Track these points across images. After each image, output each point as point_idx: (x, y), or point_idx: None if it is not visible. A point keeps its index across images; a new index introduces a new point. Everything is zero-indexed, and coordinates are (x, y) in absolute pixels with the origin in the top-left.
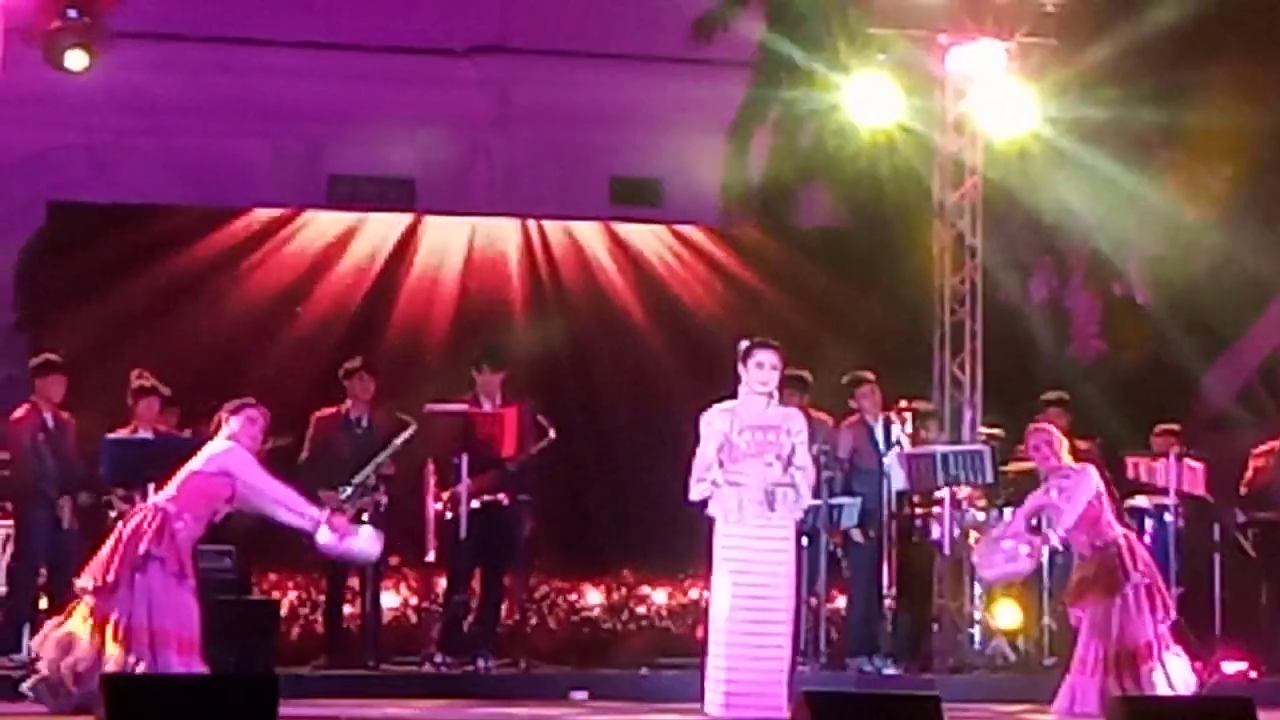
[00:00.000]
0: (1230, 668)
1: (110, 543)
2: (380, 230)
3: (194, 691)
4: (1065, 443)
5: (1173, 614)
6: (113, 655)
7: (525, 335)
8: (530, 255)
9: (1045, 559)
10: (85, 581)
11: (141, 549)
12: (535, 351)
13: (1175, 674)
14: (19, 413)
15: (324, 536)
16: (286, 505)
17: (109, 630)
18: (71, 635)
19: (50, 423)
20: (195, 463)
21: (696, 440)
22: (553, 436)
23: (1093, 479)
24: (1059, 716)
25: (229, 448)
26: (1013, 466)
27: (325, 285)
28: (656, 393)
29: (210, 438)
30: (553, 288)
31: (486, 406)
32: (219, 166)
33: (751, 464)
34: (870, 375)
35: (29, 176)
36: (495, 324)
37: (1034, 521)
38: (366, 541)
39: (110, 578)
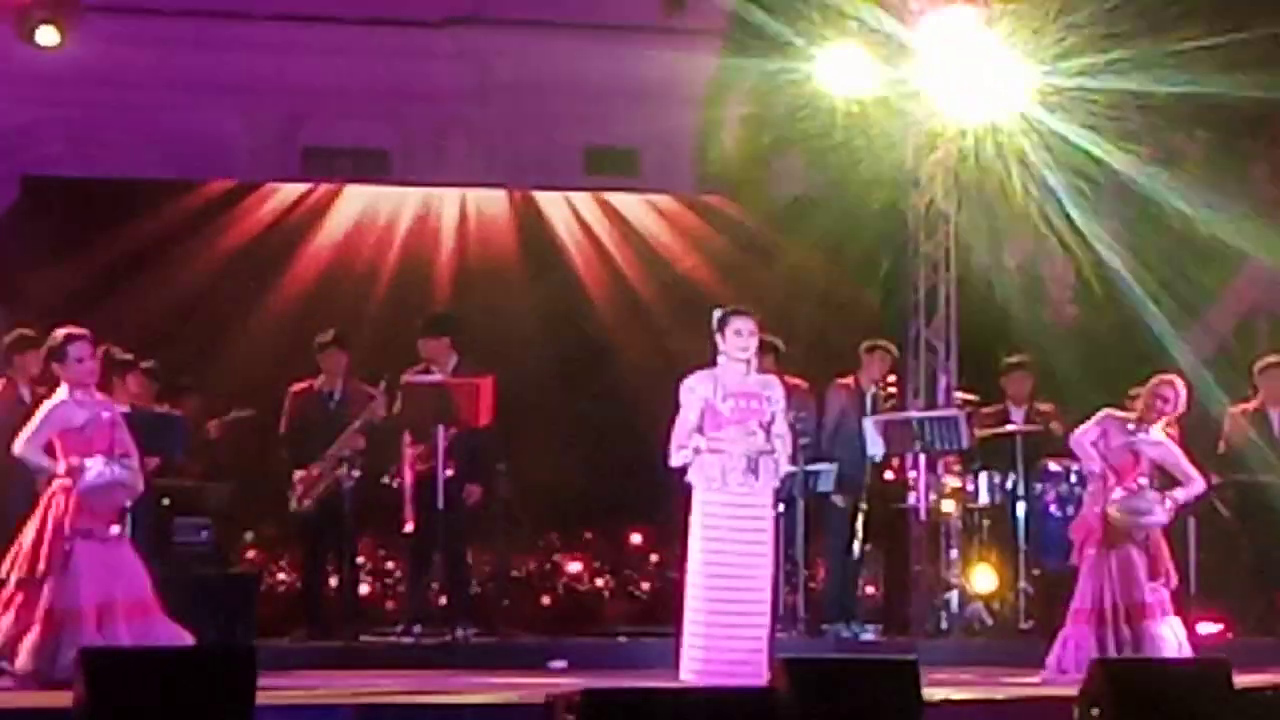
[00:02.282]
0: (1206, 629)
1: (33, 533)
2: (354, 202)
3: (172, 663)
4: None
5: (1173, 579)
6: (33, 640)
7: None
8: (508, 224)
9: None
10: (8, 571)
11: (67, 532)
12: (504, 319)
13: (1170, 639)
14: None
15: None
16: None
17: (47, 619)
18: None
19: (27, 398)
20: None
21: (676, 407)
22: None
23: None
24: (1052, 671)
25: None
26: (986, 431)
27: (297, 257)
28: (630, 361)
29: (186, 411)
30: (525, 257)
31: (437, 374)
32: (193, 140)
33: (734, 431)
34: (890, 347)
35: (3, 152)
36: (467, 292)
37: None
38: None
39: (41, 569)
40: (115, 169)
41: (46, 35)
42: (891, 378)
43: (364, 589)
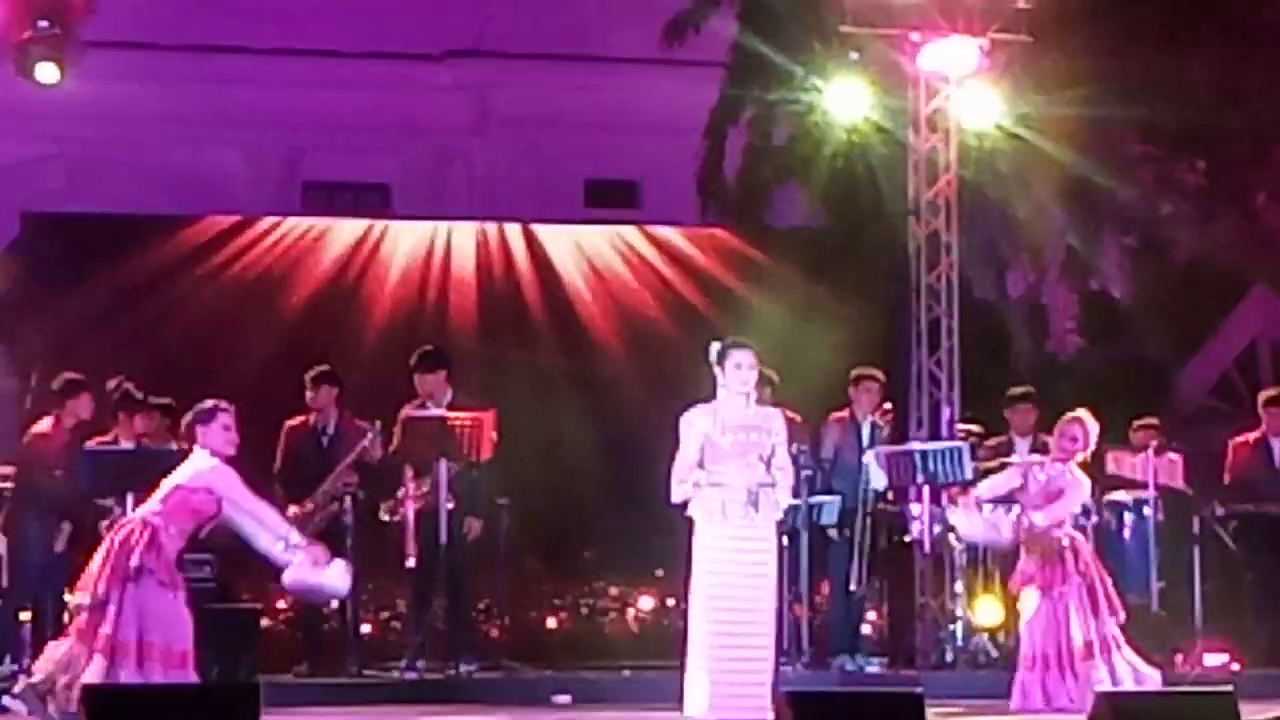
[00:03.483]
0: (1211, 660)
1: (100, 556)
2: (350, 237)
3: (175, 701)
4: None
5: (1120, 614)
6: (97, 668)
7: (488, 339)
8: (509, 257)
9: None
10: (79, 598)
11: (133, 562)
12: (506, 352)
13: (1124, 673)
14: (43, 427)
15: (297, 564)
16: (269, 527)
17: (97, 644)
18: (71, 653)
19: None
20: (179, 476)
21: (676, 442)
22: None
23: (1085, 491)
24: (1015, 714)
25: (213, 465)
26: (990, 463)
27: (297, 292)
28: (631, 393)
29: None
30: (525, 289)
31: (434, 409)
32: (193, 175)
33: (734, 465)
34: (877, 374)
35: (3, 188)
36: (466, 328)
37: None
38: (338, 575)
39: (101, 591)
40: (116, 204)
41: (47, 72)
42: (886, 406)
43: (365, 625)
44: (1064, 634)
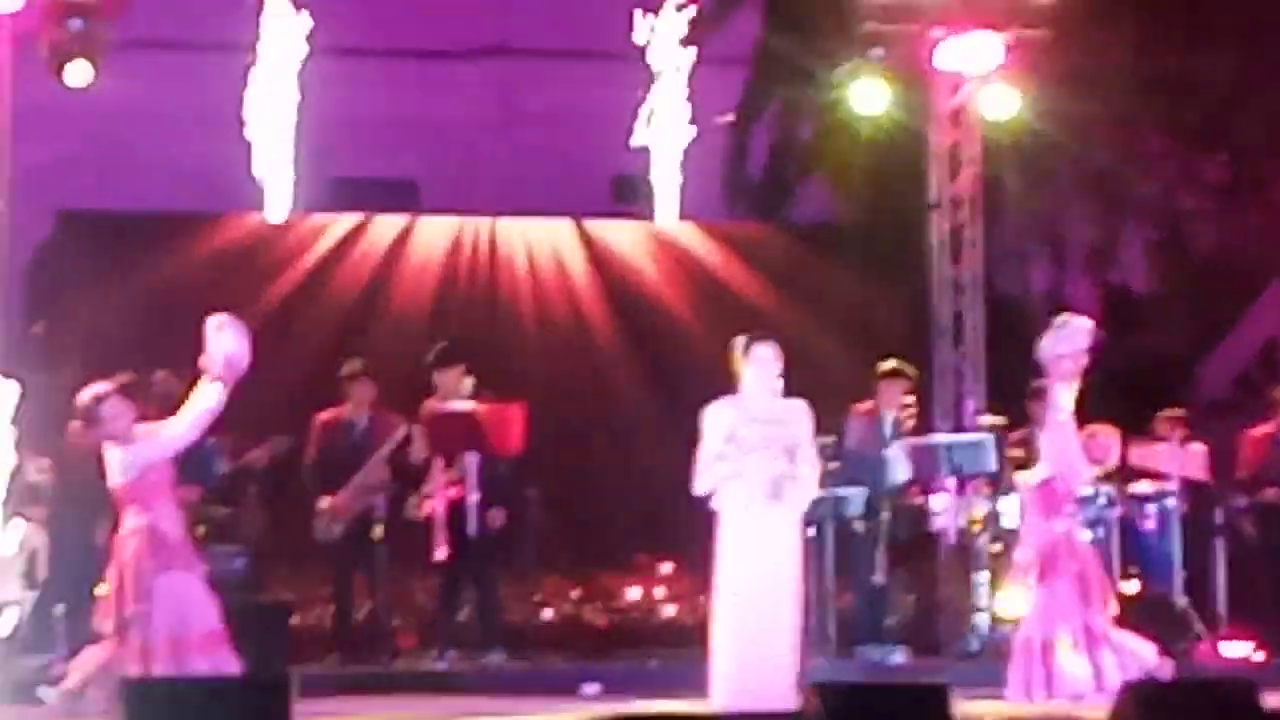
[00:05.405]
0: (1234, 651)
1: (115, 584)
2: (383, 231)
3: (208, 693)
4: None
5: (1112, 606)
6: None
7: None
8: (537, 252)
9: None
10: (105, 626)
11: (145, 577)
12: (532, 346)
13: (1109, 664)
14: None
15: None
16: (190, 425)
17: (131, 650)
18: (106, 660)
19: None
20: (113, 479)
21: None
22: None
23: (1073, 442)
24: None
25: (124, 449)
26: (1015, 454)
27: (328, 287)
28: (656, 390)
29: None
30: (553, 284)
31: (455, 404)
32: (222, 172)
33: (757, 456)
34: (908, 370)
35: (38, 187)
36: (495, 320)
37: None
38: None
39: (128, 613)
40: (146, 201)
41: (78, 72)
42: (909, 399)
43: (395, 617)
44: (1045, 625)
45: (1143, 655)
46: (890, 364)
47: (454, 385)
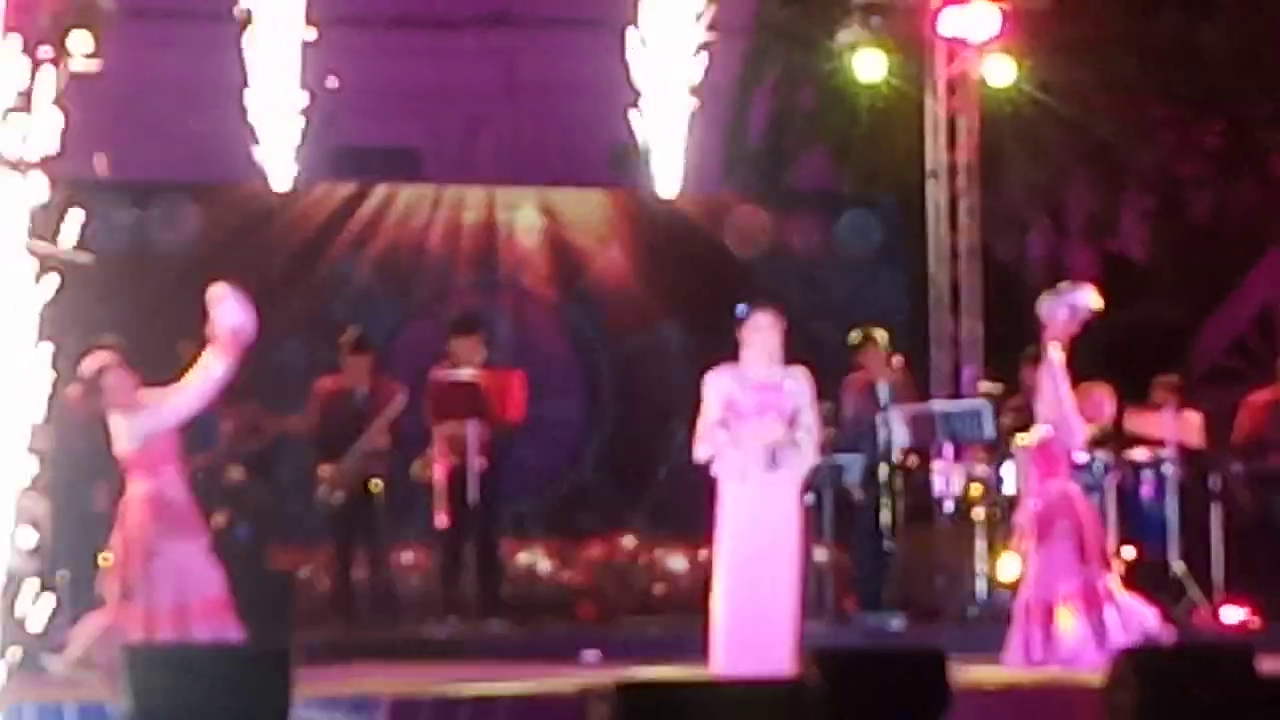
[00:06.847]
0: (1230, 616)
1: (119, 550)
2: (385, 200)
3: (211, 660)
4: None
5: (1112, 566)
6: (136, 639)
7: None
8: (536, 221)
9: None
10: (110, 592)
11: (150, 543)
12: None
13: (1113, 622)
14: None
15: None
16: (195, 394)
17: (134, 617)
18: (108, 626)
19: None
20: (122, 446)
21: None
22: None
23: (1068, 399)
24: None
25: (130, 421)
26: (1011, 421)
27: (327, 256)
28: (655, 356)
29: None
30: (552, 255)
31: (466, 373)
32: (225, 142)
33: (755, 423)
34: (873, 333)
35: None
36: (497, 290)
37: None
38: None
39: (131, 580)
40: (144, 172)
41: (79, 41)
42: (897, 359)
43: (396, 583)
44: (1041, 586)
45: (1145, 617)
46: (855, 335)
47: (470, 353)
